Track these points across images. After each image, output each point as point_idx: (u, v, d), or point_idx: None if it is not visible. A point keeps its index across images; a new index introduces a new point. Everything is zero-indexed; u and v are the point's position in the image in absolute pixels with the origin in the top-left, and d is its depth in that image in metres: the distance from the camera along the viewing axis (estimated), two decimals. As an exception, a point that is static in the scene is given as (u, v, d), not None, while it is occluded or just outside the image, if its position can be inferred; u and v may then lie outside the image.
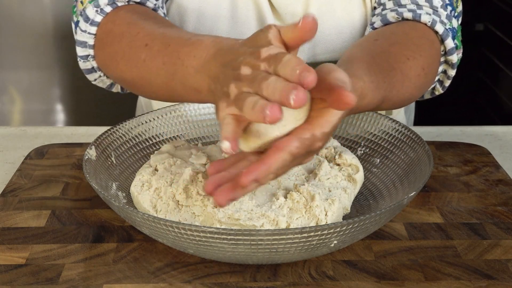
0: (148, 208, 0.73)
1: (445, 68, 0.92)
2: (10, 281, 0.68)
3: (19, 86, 2.34)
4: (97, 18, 0.88)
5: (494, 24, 2.28)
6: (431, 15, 0.89)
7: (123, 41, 0.84)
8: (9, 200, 0.83)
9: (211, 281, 0.68)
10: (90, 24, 0.89)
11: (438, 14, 0.90)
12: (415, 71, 0.83)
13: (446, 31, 0.89)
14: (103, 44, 0.89)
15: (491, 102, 2.32)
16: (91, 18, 0.88)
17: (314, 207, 0.70)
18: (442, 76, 0.94)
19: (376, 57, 0.80)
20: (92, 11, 0.88)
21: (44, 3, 2.22)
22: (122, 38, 0.84)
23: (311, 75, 0.56)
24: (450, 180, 0.87)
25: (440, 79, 0.94)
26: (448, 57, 0.90)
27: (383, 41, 0.87)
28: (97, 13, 0.88)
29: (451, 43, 0.89)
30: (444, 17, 0.90)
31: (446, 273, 0.69)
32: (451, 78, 0.93)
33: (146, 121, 0.87)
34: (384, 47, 0.85)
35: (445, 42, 0.89)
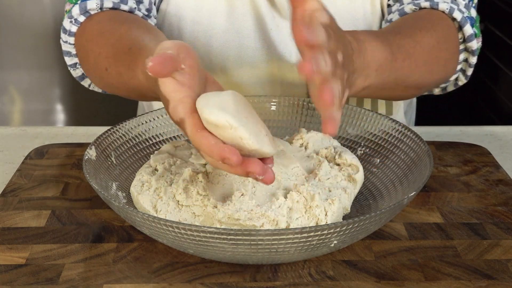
0: (148, 208, 0.73)
1: (466, 56, 0.92)
2: (10, 281, 0.68)
3: (19, 86, 2.34)
4: (73, 29, 0.92)
5: (494, 24, 2.28)
6: (449, 3, 0.89)
7: (90, 59, 0.89)
8: (9, 200, 0.83)
9: (211, 281, 0.68)
10: (68, 35, 0.93)
11: (456, 3, 0.90)
12: (428, 41, 0.83)
13: (465, 18, 0.89)
14: (80, 58, 0.94)
15: (491, 102, 2.32)
16: (67, 29, 0.93)
17: (314, 207, 0.70)
18: (464, 65, 0.93)
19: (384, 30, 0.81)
20: (67, 22, 0.92)
21: (44, 3, 2.22)
22: (89, 55, 0.89)
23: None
24: (450, 180, 0.87)
25: (463, 68, 0.94)
26: (468, 44, 0.90)
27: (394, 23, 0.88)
28: (71, 23, 0.92)
29: (470, 29, 0.89)
30: (462, 6, 0.90)
31: (446, 273, 0.69)
32: (473, 66, 0.93)
33: (146, 121, 0.87)
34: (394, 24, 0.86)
35: (464, 28, 0.89)
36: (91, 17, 0.92)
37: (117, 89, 0.88)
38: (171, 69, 0.61)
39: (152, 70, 0.59)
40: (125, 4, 0.93)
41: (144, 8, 0.97)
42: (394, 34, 0.81)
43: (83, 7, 0.91)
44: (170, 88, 0.63)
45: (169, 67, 0.60)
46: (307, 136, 0.83)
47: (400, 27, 0.86)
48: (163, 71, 0.60)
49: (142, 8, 0.96)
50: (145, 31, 0.85)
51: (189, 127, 0.62)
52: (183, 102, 0.62)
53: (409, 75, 0.80)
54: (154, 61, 0.59)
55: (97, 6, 0.91)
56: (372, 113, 0.87)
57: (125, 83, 0.81)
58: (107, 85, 0.90)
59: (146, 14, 0.96)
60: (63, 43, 0.94)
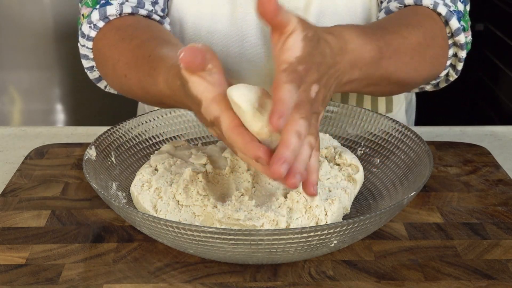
0: (148, 208, 0.73)
1: (455, 51, 0.92)
2: (10, 281, 0.68)
3: (19, 86, 2.34)
4: (92, 34, 0.93)
5: (494, 24, 2.28)
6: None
7: (108, 64, 0.90)
8: (9, 200, 0.83)
9: (211, 281, 0.68)
10: (86, 40, 0.94)
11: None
12: (416, 37, 0.83)
13: (450, 13, 0.88)
14: (97, 62, 0.94)
15: (491, 102, 2.32)
16: (86, 34, 0.93)
17: (314, 207, 0.70)
18: (454, 60, 0.93)
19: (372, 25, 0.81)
20: (87, 27, 0.93)
21: (44, 3, 2.22)
22: (107, 61, 0.90)
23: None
24: (450, 180, 0.87)
25: (452, 63, 0.94)
26: (456, 38, 0.90)
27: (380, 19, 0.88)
28: (91, 29, 0.93)
29: (456, 23, 0.89)
30: (448, 1, 0.90)
31: (446, 273, 0.69)
32: (462, 60, 0.93)
33: (146, 121, 0.87)
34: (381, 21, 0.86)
35: (450, 23, 0.88)
36: (111, 23, 0.92)
37: (135, 95, 0.88)
38: (201, 61, 0.62)
39: (183, 60, 0.61)
40: (142, 8, 0.93)
41: (160, 8, 0.97)
42: (381, 30, 0.81)
43: (102, 13, 0.91)
44: (201, 88, 0.64)
45: (199, 60, 0.62)
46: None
47: (387, 23, 0.86)
48: (194, 62, 0.62)
49: (158, 9, 0.97)
50: (164, 39, 0.86)
51: (225, 123, 0.63)
52: (217, 100, 0.64)
53: (393, 72, 0.80)
54: (186, 51, 0.61)
55: (117, 12, 0.91)
56: (372, 113, 0.87)
57: (145, 89, 0.81)
58: (126, 91, 0.90)
59: (162, 15, 0.97)
60: (80, 46, 0.95)
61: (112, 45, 0.90)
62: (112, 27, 0.92)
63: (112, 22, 0.92)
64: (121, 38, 0.88)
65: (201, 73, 0.64)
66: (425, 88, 0.98)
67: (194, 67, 0.63)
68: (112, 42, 0.90)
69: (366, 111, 0.87)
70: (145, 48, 0.82)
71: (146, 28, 0.90)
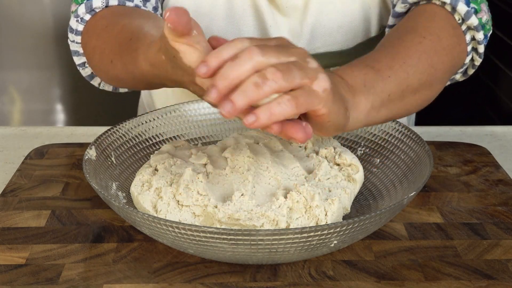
0: (148, 208, 0.73)
1: (472, 34, 0.91)
2: (10, 281, 0.68)
3: (19, 86, 2.34)
4: (79, 28, 0.93)
5: (494, 24, 2.28)
6: None
7: (95, 54, 0.90)
8: (9, 200, 0.83)
9: (211, 281, 0.68)
10: (75, 34, 0.94)
11: None
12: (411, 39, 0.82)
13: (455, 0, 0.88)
14: (86, 55, 0.94)
15: (491, 102, 2.32)
16: (74, 28, 0.93)
17: (314, 207, 0.70)
18: (474, 43, 0.92)
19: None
20: (74, 21, 0.93)
21: (44, 3, 2.22)
22: (94, 51, 0.90)
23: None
24: (450, 180, 0.87)
25: (473, 46, 0.92)
26: (468, 22, 0.88)
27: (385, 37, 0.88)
28: (78, 22, 0.92)
29: (464, 7, 0.87)
30: None
31: (446, 273, 0.69)
32: (482, 42, 0.90)
33: (146, 121, 0.87)
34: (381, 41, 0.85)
35: (457, 8, 0.88)
36: (96, 14, 0.92)
37: (124, 81, 0.87)
38: (186, 23, 0.61)
39: (170, 19, 0.60)
40: (130, 1, 0.93)
41: (151, 6, 0.97)
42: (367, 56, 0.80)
43: (89, 6, 0.91)
44: (194, 57, 0.63)
45: (185, 20, 0.61)
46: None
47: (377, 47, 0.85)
48: (180, 22, 0.61)
49: (149, 6, 0.96)
50: (146, 19, 0.85)
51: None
52: None
53: (408, 77, 0.78)
54: (171, 11, 0.60)
55: (103, 5, 0.91)
56: (372, 113, 0.86)
57: (131, 73, 0.80)
58: (114, 79, 0.90)
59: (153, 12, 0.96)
60: (70, 42, 0.95)
61: (97, 34, 0.89)
62: (98, 17, 0.91)
63: (97, 14, 0.92)
64: (105, 26, 0.88)
65: (190, 42, 0.63)
66: (455, 78, 0.97)
67: (181, 27, 0.61)
68: (97, 31, 0.90)
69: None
70: (126, 32, 0.82)
71: (128, 13, 0.89)
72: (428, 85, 0.83)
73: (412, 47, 0.81)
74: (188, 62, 0.64)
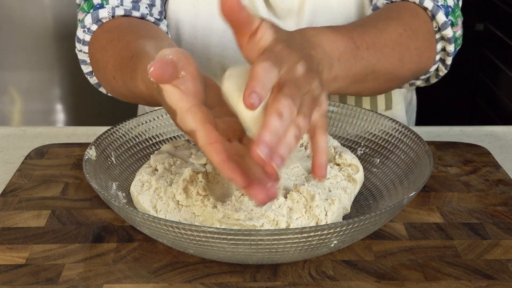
0: (148, 208, 0.73)
1: (443, 45, 0.92)
2: (10, 281, 0.68)
3: (19, 86, 2.34)
4: (86, 38, 0.93)
5: (494, 24, 2.28)
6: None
7: (100, 67, 0.90)
8: (9, 200, 0.83)
9: (211, 281, 0.68)
10: (82, 44, 0.95)
11: None
12: (394, 29, 0.83)
13: (437, 7, 0.89)
14: (92, 66, 0.95)
15: (491, 102, 2.32)
16: (81, 38, 0.94)
17: (314, 207, 0.70)
18: (443, 54, 0.94)
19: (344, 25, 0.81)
20: (81, 31, 0.93)
21: (44, 3, 2.22)
22: (99, 64, 0.91)
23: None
24: (450, 180, 0.87)
25: (442, 57, 0.94)
26: (443, 32, 0.90)
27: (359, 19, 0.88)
28: (85, 33, 0.93)
29: (443, 17, 0.89)
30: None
31: (446, 273, 0.69)
32: (451, 54, 0.93)
33: (146, 121, 0.87)
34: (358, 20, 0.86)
35: (436, 17, 0.89)
36: (102, 26, 0.92)
37: (126, 97, 0.89)
38: (171, 74, 0.61)
39: (153, 75, 0.59)
40: (137, 11, 0.93)
41: (157, 11, 0.97)
42: (354, 26, 0.81)
43: (95, 16, 0.91)
44: (175, 98, 0.63)
45: (170, 72, 0.60)
46: (307, 136, 0.83)
47: (363, 20, 0.86)
48: (164, 75, 0.60)
49: (155, 11, 0.96)
50: (150, 37, 0.85)
51: (201, 139, 0.62)
52: (192, 112, 0.62)
53: (377, 64, 0.79)
54: (155, 65, 0.60)
55: (109, 15, 0.91)
56: (372, 113, 0.87)
57: (130, 91, 0.82)
58: (117, 94, 0.91)
59: (158, 18, 0.97)
60: (78, 52, 0.96)
61: (102, 48, 0.90)
62: (103, 29, 0.92)
63: (103, 25, 0.92)
64: (110, 40, 0.89)
65: (175, 82, 0.62)
66: (415, 83, 0.99)
67: (165, 80, 0.61)
68: (102, 44, 0.90)
69: (366, 111, 0.87)
70: (129, 49, 0.82)
71: (134, 28, 0.90)
72: (391, 77, 0.84)
73: (392, 36, 0.82)
74: (170, 102, 0.63)
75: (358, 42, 0.77)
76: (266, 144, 0.57)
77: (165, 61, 0.60)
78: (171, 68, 0.60)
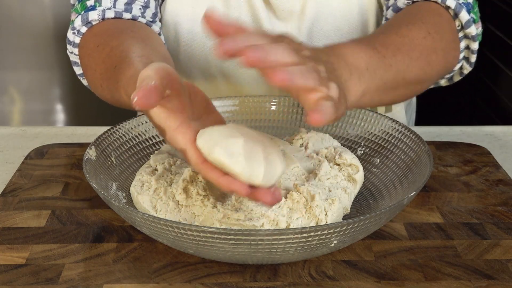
0: (148, 208, 0.73)
1: (467, 43, 0.92)
2: (10, 281, 0.68)
3: (19, 86, 2.34)
4: (76, 40, 0.94)
5: (494, 24, 2.28)
6: None
7: (88, 73, 0.91)
8: (9, 200, 0.83)
9: (211, 281, 0.68)
10: (73, 46, 0.95)
11: None
12: (417, 33, 0.82)
13: (459, 5, 0.88)
14: (82, 70, 0.95)
15: (491, 102, 2.32)
16: (71, 40, 0.94)
17: (314, 207, 0.70)
18: (467, 52, 0.93)
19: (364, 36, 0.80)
20: (71, 33, 0.93)
21: (44, 3, 2.22)
22: (87, 70, 0.91)
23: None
24: (450, 180, 0.87)
25: (465, 55, 0.94)
26: (467, 31, 0.90)
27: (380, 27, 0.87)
28: (75, 35, 0.93)
29: (466, 15, 0.88)
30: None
31: (446, 273, 0.69)
32: (475, 52, 0.92)
33: (146, 121, 0.87)
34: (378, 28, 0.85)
35: (460, 15, 0.88)
36: (92, 29, 0.92)
37: (114, 104, 0.89)
38: (156, 99, 0.59)
39: (137, 104, 0.58)
40: (129, 13, 0.93)
41: (151, 13, 0.96)
42: (375, 36, 0.81)
43: (85, 18, 0.91)
44: (163, 117, 0.62)
45: (154, 98, 0.59)
46: (307, 136, 0.83)
47: (383, 27, 0.86)
48: (149, 103, 0.59)
49: (149, 13, 0.96)
50: (136, 41, 0.84)
51: (192, 158, 0.62)
52: (181, 132, 0.62)
53: (406, 70, 0.79)
54: (138, 95, 0.58)
55: (99, 17, 0.91)
56: (372, 113, 0.87)
57: (118, 101, 0.82)
58: (105, 99, 0.91)
59: (152, 20, 0.96)
60: (69, 53, 0.96)
61: (88, 54, 0.90)
62: (92, 33, 0.91)
63: (92, 28, 0.92)
64: (96, 45, 0.88)
65: (161, 103, 0.61)
66: (439, 83, 0.98)
67: (151, 107, 0.60)
68: (89, 50, 0.90)
69: (366, 111, 0.87)
70: (112, 57, 0.82)
71: (120, 33, 0.88)
72: (421, 81, 0.84)
73: (416, 40, 0.81)
74: (158, 122, 0.63)
75: (383, 51, 0.75)
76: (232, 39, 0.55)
77: (147, 88, 0.59)
78: (155, 94, 0.59)
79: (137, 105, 0.58)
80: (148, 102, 0.59)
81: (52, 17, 2.23)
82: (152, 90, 0.59)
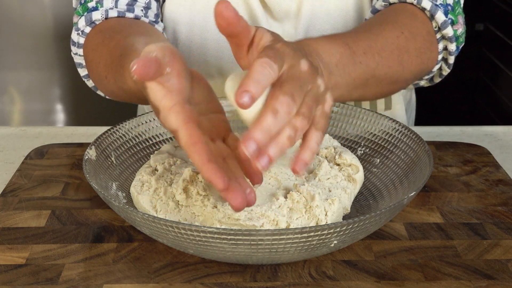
0: (148, 208, 0.73)
1: (445, 44, 0.92)
2: (10, 281, 0.68)
3: (19, 86, 2.34)
4: (81, 40, 0.94)
5: (494, 24, 2.28)
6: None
7: (93, 68, 0.91)
8: (9, 200, 0.83)
9: (211, 281, 0.68)
10: (77, 47, 0.95)
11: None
12: (390, 32, 0.83)
13: (435, 6, 0.89)
14: (87, 68, 0.95)
15: (491, 102, 2.32)
16: (76, 41, 0.94)
17: (314, 207, 0.70)
18: (445, 53, 0.93)
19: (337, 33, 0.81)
20: (75, 34, 0.93)
21: (44, 3, 2.22)
22: (92, 65, 0.91)
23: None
24: (450, 180, 0.87)
25: (444, 56, 0.94)
26: (443, 32, 0.90)
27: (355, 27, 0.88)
28: (79, 35, 0.93)
29: (442, 17, 0.89)
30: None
31: (446, 273, 0.69)
32: (453, 53, 0.93)
33: (146, 121, 0.87)
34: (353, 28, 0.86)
35: (436, 16, 0.89)
36: (95, 27, 0.93)
37: (118, 96, 0.89)
38: (155, 71, 0.59)
39: (136, 73, 0.58)
40: (131, 13, 0.93)
41: (153, 13, 0.97)
42: (348, 33, 0.81)
43: (88, 19, 0.92)
44: (159, 95, 0.61)
45: (153, 70, 0.59)
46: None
47: (357, 27, 0.86)
48: (147, 73, 0.59)
49: (151, 14, 0.96)
50: (141, 34, 0.85)
51: (183, 139, 0.60)
52: (175, 111, 0.61)
53: (376, 68, 0.79)
54: (138, 63, 0.58)
55: (102, 17, 0.92)
56: (372, 113, 0.87)
57: (121, 89, 0.81)
58: (109, 93, 0.91)
59: (154, 20, 0.97)
60: (73, 55, 0.96)
61: (94, 49, 0.90)
62: (96, 30, 0.92)
63: (96, 26, 0.92)
64: (101, 40, 0.89)
65: (159, 79, 0.61)
66: (419, 83, 0.99)
67: (148, 78, 0.60)
68: (94, 45, 0.90)
69: (366, 111, 0.87)
70: (119, 48, 0.82)
71: (126, 27, 0.89)
72: (392, 80, 0.84)
73: (389, 39, 0.82)
74: (153, 99, 0.62)
75: (354, 48, 0.77)
76: (254, 141, 0.55)
77: (148, 58, 0.59)
78: (154, 65, 0.59)
79: (135, 74, 0.58)
80: (146, 72, 0.58)
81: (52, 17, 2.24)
82: (152, 61, 0.59)
